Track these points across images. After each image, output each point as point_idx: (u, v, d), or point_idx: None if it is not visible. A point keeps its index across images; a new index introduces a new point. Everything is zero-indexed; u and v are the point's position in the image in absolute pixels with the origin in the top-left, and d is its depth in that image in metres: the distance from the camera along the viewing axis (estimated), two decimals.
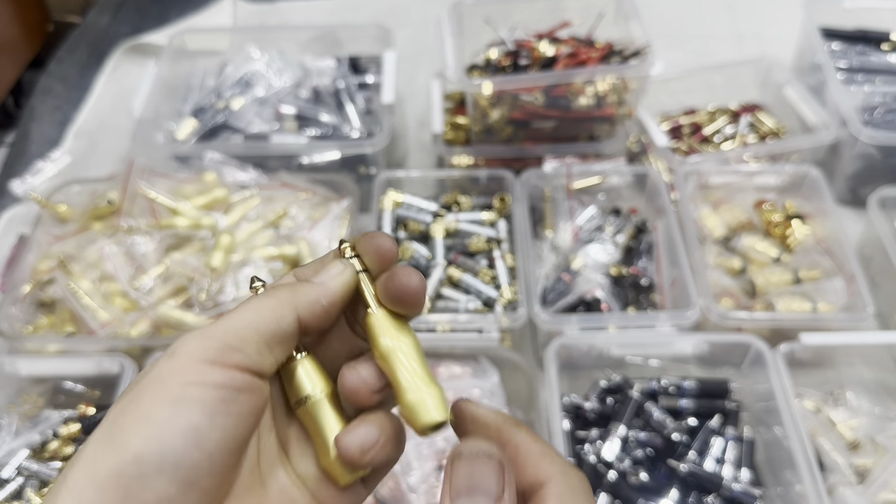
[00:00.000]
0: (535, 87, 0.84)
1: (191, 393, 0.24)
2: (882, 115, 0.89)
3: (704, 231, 0.83)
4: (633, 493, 0.64)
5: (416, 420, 0.26)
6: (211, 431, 0.23)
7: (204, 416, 0.23)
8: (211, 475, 0.24)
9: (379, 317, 0.28)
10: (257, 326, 0.25)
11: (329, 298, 0.27)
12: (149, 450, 0.22)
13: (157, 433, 0.23)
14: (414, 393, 0.27)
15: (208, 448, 0.23)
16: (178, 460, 0.23)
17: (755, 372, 0.72)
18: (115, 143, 1.01)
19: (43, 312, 0.77)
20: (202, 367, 0.24)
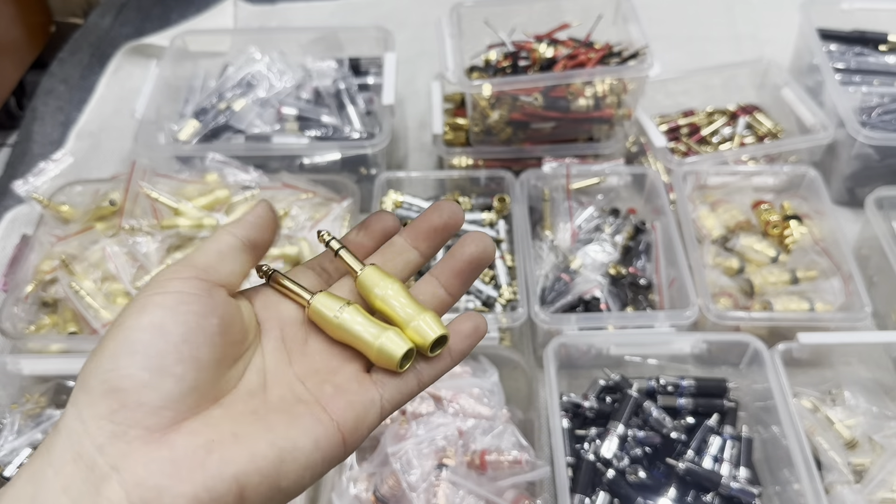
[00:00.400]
0: (534, 89, 0.85)
1: (154, 299, 0.28)
2: (879, 116, 0.89)
3: (702, 231, 0.84)
4: (631, 491, 0.64)
5: (423, 340, 0.31)
6: (174, 326, 0.27)
7: (166, 314, 0.27)
8: (180, 362, 0.27)
9: (366, 274, 0.33)
10: (203, 250, 0.31)
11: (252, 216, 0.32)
12: (118, 345, 0.26)
13: (126, 333, 0.27)
14: (414, 321, 0.32)
15: (172, 339, 0.27)
16: (145, 349, 0.26)
17: (753, 371, 0.72)
18: (117, 144, 1.02)
19: (45, 312, 0.77)
20: (162, 282, 0.28)
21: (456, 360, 0.33)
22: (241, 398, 0.29)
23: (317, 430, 0.28)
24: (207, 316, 0.28)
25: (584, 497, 0.64)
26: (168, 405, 0.26)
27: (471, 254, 0.33)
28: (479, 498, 0.61)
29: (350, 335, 0.32)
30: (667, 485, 0.65)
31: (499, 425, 0.66)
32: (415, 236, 0.35)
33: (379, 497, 0.62)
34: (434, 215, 0.34)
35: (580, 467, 0.65)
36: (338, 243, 0.34)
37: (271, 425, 0.28)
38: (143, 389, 0.26)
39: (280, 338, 0.32)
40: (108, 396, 0.26)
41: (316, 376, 0.31)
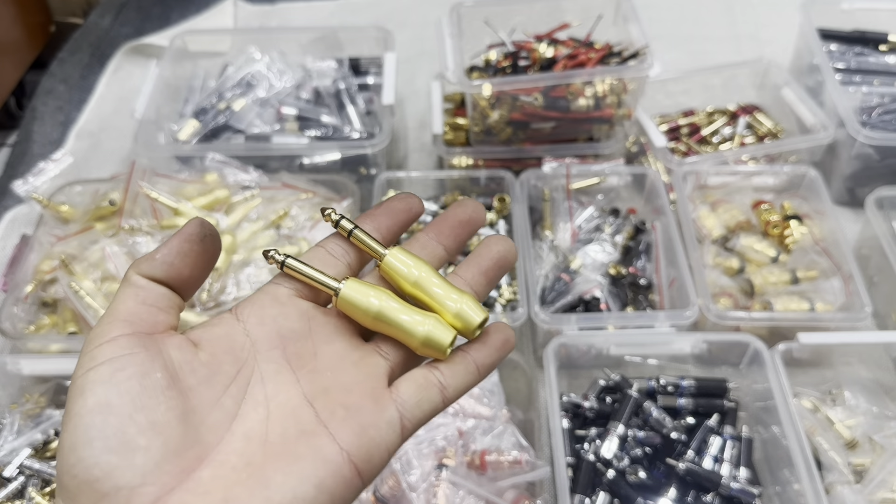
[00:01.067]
0: (534, 89, 0.85)
1: (89, 377, 0.25)
2: (879, 116, 0.89)
3: (703, 231, 0.84)
4: (631, 491, 0.64)
5: (466, 326, 0.30)
6: (118, 398, 0.25)
7: (104, 388, 0.25)
8: (142, 434, 0.25)
9: (393, 256, 0.31)
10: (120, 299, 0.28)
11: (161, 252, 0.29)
12: (74, 437, 0.25)
13: (76, 422, 0.25)
14: (454, 305, 0.30)
15: (124, 412, 0.25)
16: (100, 433, 0.24)
17: (753, 371, 0.72)
18: (116, 144, 1.02)
19: (45, 312, 0.77)
20: (92, 353, 0.26)
21: (483, 375, 0.31)
22: (235, 448, 0.26)
23: (319, 471, 0.26)
24: (149, 374, 0.26)
25: (585, 497, 0.64)
26: (147, 480, 0.24)
27: (498, 252, 0.33)
28: (479, 498, 0.61)
29: (390, 324, 0.29)
30: (667, 485, 0.65)
31: (499, 425, 0.66)
32: (439, 231, 0.33)
33: (379, 497, 0.62)
34: (458, 210, 0.33)
35: (580, 467, 0.65)
36: (349, 223, 0.31)
37: (267, 479, 0.25)
38: (115, 472, 0.24)
39: (283, 357, 0.29)
40: (84, 491, 0.24)
41: (326, 396, 0.28)
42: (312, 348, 0.30)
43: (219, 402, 0.27)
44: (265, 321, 0.30)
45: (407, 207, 0.33)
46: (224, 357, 0.28)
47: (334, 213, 0.31)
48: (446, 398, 0.30)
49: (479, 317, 0.30)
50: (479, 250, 0.33)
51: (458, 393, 0.30)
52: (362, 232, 0.31)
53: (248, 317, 0.30)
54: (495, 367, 0.31)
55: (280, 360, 0.29)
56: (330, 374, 0.29)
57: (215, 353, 0.28)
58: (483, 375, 0.31)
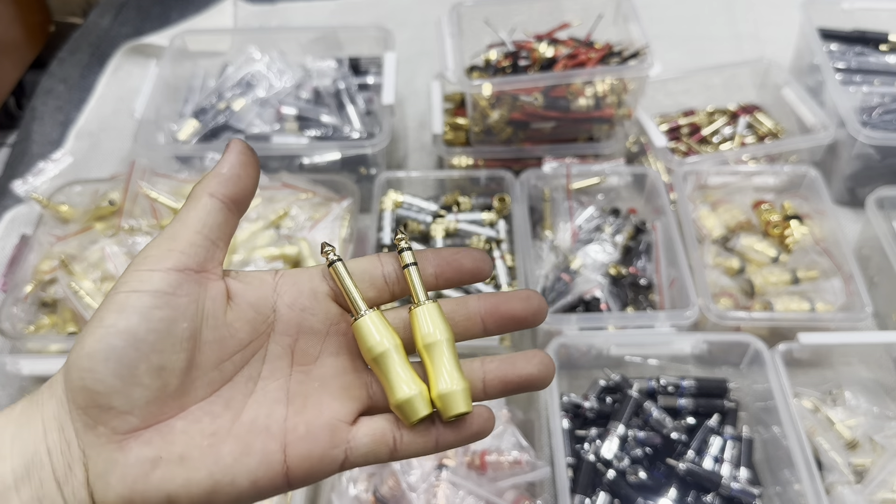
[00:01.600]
0: (534, 88, 0.85)
1: (131, 300, 0.27)
2: (880, 116, 0.89)
3: (703, 231, 0.84)
4: (632, 491, 0.64)
5: (447, 408, 0.30)
6: (146, 334, 0.27)
7: (140, 320, 0.27)
8: (150, 372, 0.28)
9: (426, 309, 0.31)
10: (183, 222, 0.29)
11: (225, 166, 0.30)
12: (96, 348, 0.27)
13: (103, 334, 0.27)
14: (448, 384, 0.30)
15: (143, 349, 0.27)
16: (118, 357, 0.27)
17: (753, 371, 0.72)
18: (116, 144, 1.02)
19: (45, 312, 0.77)
20: (142, 275, 0.28)
21: (439, 451, 0.31)
22: (211, 411, 0.29)
23: (259, 472, 0.29)
24: (178, 321, 0.28)
25: (585, 497, 0.64)
26: (134, 411, 0.27)
27: (531, 374, 0.32)
28: (479, 498, 0.61)
29: (382, 372, 0.30)
30: (667, 485, 0.65)
31: (499, 426, 0.66)
32: (490, 313, 0.32)
33: (379, 497, 0.62)
34: (519, 305, 0.32)
35: (580, 468, 0.65)
36: (412, 257, 0.32)
37: (220, 457, 0.28)
38: (113, 395, 0.27)
39: (290, 346, 0.31)
40: (83, 391, 0.27)
41: (302, 402, 0.30)
42: (317, 353, 0.31)
43: (221, 365, 0.30)
44: (294, 307, 0.31)
45: (475, 269, 0.32)
46: (244, 324, 0.30)
47: (405, 242, 0.32)
48: (393, 458, 0.31)
49: (460, 409, 0.30)
50: (516, 360, 0.32)
51: (406, 456, 0.31)
52: (417, 272, 0.32)
53: (283, 293, 0.31)
54: (454, 447, 0.32)
55: (286, 348, 0.31)
56: (317, 386, 0.31)
57: (240, 317, 0.30)
58: (438, 451, 0.32)
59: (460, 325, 0.32)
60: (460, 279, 0.33)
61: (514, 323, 0.32)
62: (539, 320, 0.32)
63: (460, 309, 0.32)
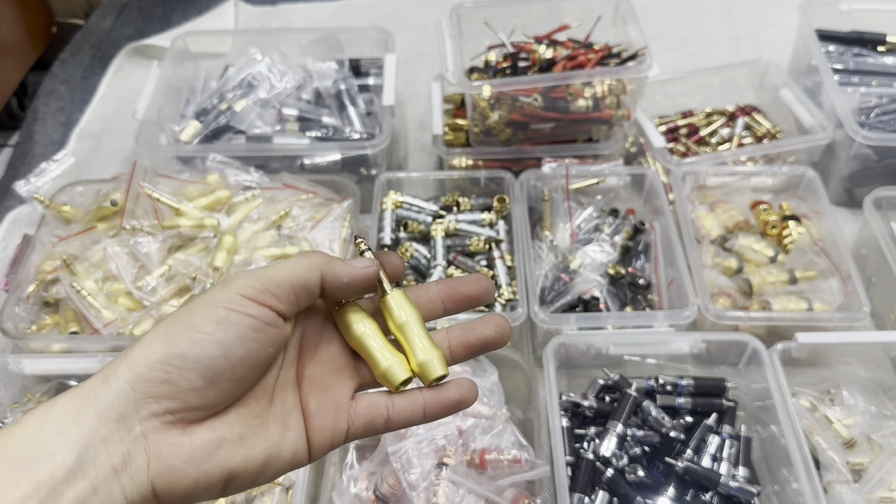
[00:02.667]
0: (533, 90, 0.85)
1: (231, 317, 0.31)
2: (877, 117, 0.90)
3: (701, 231, 0.84)
4: (630, 490, 0.64)
5: (426, 375, 0.35)
6: (238, 349, 0.31)
7: (236, 337, 0.31)
8: (230, 381, 0.31)
9: (394, 297, 0.36)
10: (291, 279, 0.33)
11: (350, 277, 0.34)
12: (191, 351, 0.30)
13: (200, 340, 0.30)
14: (423, 354, 0.35)
15: (232, 361, 0.31)
16: (209, 363, 0.30)
17: (752, 371, 0.73)
18: (118, 145, 1.02)
19: (47, 312, 0.77)
20: (243, 301, 0.31)
21: (427, 419, 0.35)
22: (255, 399, 0.33)
23: (297, 445, 0.33)
24: (267, 346, 0.32)
25: (584, 496, 0.64)
26: (205, 408, 0.31)
27: (487, 337, 0.37)
28: (478, 497, 0.61)
29: (364, 350, 0.35)
30: (666, 484, 0.65)
31: (498, 424, 0.66)
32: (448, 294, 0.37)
33: (379, 496, 0.62)
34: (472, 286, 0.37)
35: (579, 466, 0.66)
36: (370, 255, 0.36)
37: (269, 434, 0.33)
38: (193, 393, 0.30)
39: (299, 337, 0.36)
40: (163, 384, 0.30)
41: (310, 386, 0.35)
42: (318, 343, 0.36)
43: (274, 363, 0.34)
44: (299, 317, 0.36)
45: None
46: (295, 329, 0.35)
47: (363, 244, 0.37)
48: (388, 427, 0.35)
49: (438, 372, 0.35)
50: (476, 325, 0.37)
51: (398, 426, 0.35)
52: (381, 269, 0.36)
53: None
54: (441, 417, 0.36)
55: (297, 339, 0.36)
56: (319, 369, 0.36)
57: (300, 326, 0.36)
58: (427, 420, 0.35)
59: (424, 308, 0.37)
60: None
61: (469, 302, 0.37)
62: (488, 298, 0.37)
63: (423, 294, 0.37)
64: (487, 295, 0.37)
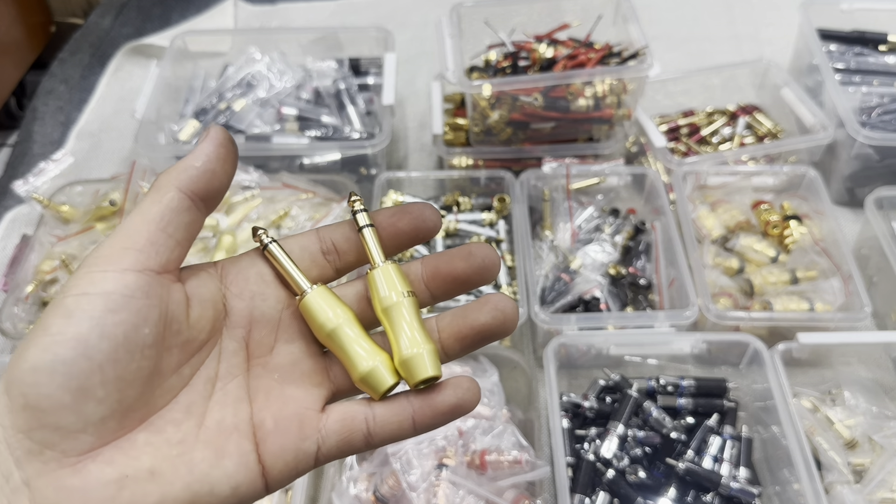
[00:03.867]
0: (534, 89, 0.85)
1: (81, 304, 0.24)
2: (879, 116, 0.90)
3: (702, 231, 0.84)
4: (631, 491, 0.64)
5: (412, 375, 0.28)
6: (99, 341, 0.24)
7: (92, 326, 0.24)
8: (105, 385, 0.24)
9: (383, 271, 0.29)
10: (144, 217, 0.26)
11: (200, 159, 0.27)
12: (41, 360, 0.23)
13: (49, 344, 0.24)
14: (411, 349, 0.28)
15: (97, 358, 0.24)
16: (68, 370, 0.23)
17: (753, 371, 0.72)
18: (117, 144, 1.02)
19: None
20: (94, 276, 0.25)
21: (418, 432, 0.28)
22: (173, 419, 0.26)
23: (239, 475, 0.26)
24: (139, 326, 0.25)
25: (584, 497, 0.64)
26: (87, 429, 0.24)
27: (483, 324, 0.28)
28: (479, 498, 0.61)
29: (338, 347, 0.28)
30: (667, 485, 0.65)
31: (499, 425, 0.66)
32: (433, 274, 0.30)
33: (379, 497, 0.62)
34: (461, 263, 0.29)
35: (580, 467, 0.66)
36: (366, 218, 0.29)
37: (193, 465, 0.25)
38: (62, 411, 0.24)
39: (244, 339, 0.29)
40: (26, 411, 0.24)
41: (265, 397, 0.28)
42: (272, 342, 0.29)
43: (181, 369, 0.27)
44: (244, 295, 0.29)
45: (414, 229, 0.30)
46: (205, 323, 0.28)
47: (359, 203, 0.30)
48: (369, 444, 0.28)
49: (425, 373, 0.28)
50: (468, 310, 0.29)
51: (382, 443, 0.28)
52: (372, 233, 0.29)
53: (230, 283, 0.29)
54: (435, 428, 0.28)
55: (241, 342, 0.29)
56: (276, 377, 0.28)
57: (200, 317, 0.27)
58: (418, 433, 0.28)
59: None
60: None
61: (459, 284, 0.29)
62: (489, 278, 0.29)
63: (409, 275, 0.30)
64: (484, 273, 0.29)
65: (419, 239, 0.30)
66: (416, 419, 0.28)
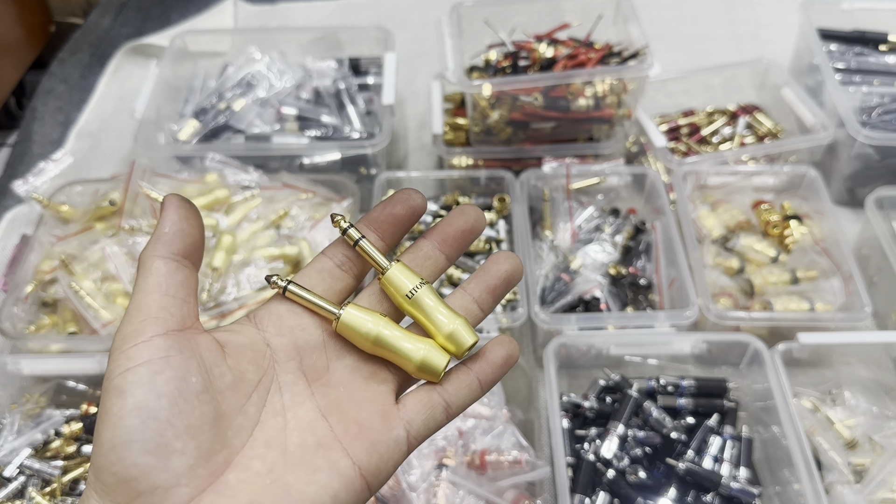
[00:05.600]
0: (534, 89, 0.85)
1: (128, 378, 0.26)
2: (879, 116, 0.89)
3: (702, 231, 0.84)
4: (631, 491, 0.64)
5: (459, 345, 0.32)
6: (157, 401, 0.26)
7: (146, 391, 0.26)
8: (179, 437, 0.26)
9: (394, 272, 0.32)
10: (145, 290, 0.28)
11: (167, 226, 0.29)
12: (115, 437, 0.26)
13: (117, 421, 0.26)
14: (447, 326, 0.32)
15: (162, 416, 0.26)
16: (139, 435, 0.26)
17: (753, 371, 0.72)
18: (117, 144, 1.02)
19: (45, 312, 0.77)
20: (128, 353, 0.27)
21: (485, 389, 0.32)
22: (257, 453, 0.28)
23: (334, 483, 0.28)
24: (185, 378, 0.27)
25: (585, 497, 0.64)
26: (181, 481, 0.26)
27: (506, 271, 0.34)
28: (479, 498, 0.61)
29: (387, 349, 0.31)
30: (667, 485, 0.65)
31: (499, 425, 0.66)
32: (441, 240, 0.34)
33: (379, 497, 0.62)
34: (461, 219, 0.34)
35: (580, 467, 0.65)
36: (357, 232, 0.32)
37: (289, 487, 0.27)
38: (153, 472, 0.26)
39: (299, 368, 0.31)
40: (122, 487, 0.26)
41: (339, 411, 0.30)
42: (325, 362, 0.31)
43: (243, 408, 0.29)
44: (283, 332, 0.31)
45: (409, 212, 0.33)
46: (248, 364, 0.30)
47: (343, 221, 0.32)
48: (450, 414, 0.32)
49: (468, 341, 0.32)
50: (487, 267, 0.34)
51: (460, 409, 0.32)
52: (368, 243, 0.32)
53: (267, 326, 0.31)
54: (498, 381, 0.32)
55: (296, 372, 0.31)
56: (342, 389, 0.31)
57: (240, 360, 0.30)
58: (486, 390, 0.32)
59: (426, 269, 0.33)
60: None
61: (464, 236, 0.33)
62: (481, 226, 0.34)
63: (418, 254, 0.34)
64: (479, 223, 0.34)
65: (413, 219, 0.33)
66: (479, 378, 0.32)
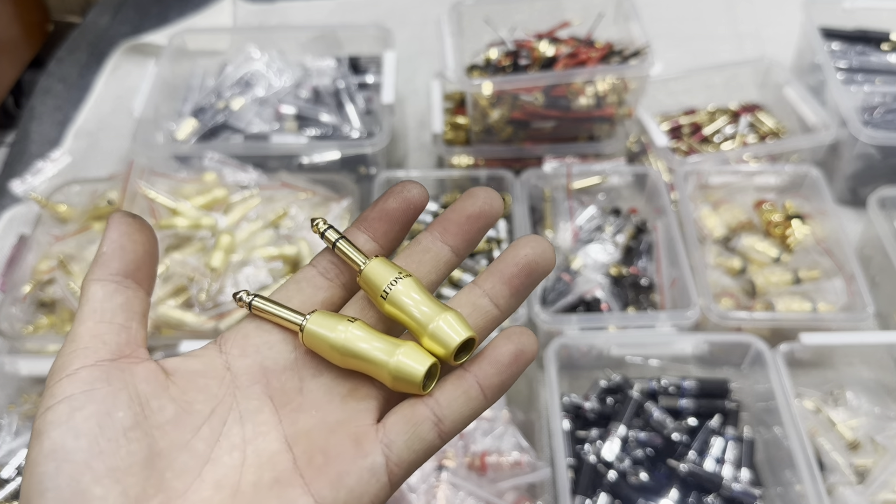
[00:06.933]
0: (534, 88, 0.84)
1: (48, 418, 0.24)
2: (882, 115, 0.89)
3: (704, 231, 0.84)
4: (632, 492, 0.64)
5: (444, 345, 0.25)
6: (74, 442, 0.23)
7: (63, 432, 0.23)
8: (97, 482, 0.23)
9: (371, 269, 0.27)
10: (80, 319, 0.26)
11: (105, 245, 0.27)
12: (30, 486, 0.23)
13: (32, 469, 0.23)
14: (431, 323, 0.25)
15: (78, 459, 0.23)
16: (53, 484, 0.23)
17: (755, 372, 0.72)
18: (115, 143, 1.01)
19: (43, 312, 0.77)
20: (52, 390, 0.24)
21: (491, 399, 0.26)
22: (203, 497, 0.24)
23: None
24: (110, 413, 0.24)
25: (586, 499, 0.63)
26: None
27: (526, 256, 0.27)
28: (479, 499, 0.61)
29: (357, 359, 0.26)
30: (668, 486, 0.65)
31: (499, 426, 0.66)
32: (444, 229, 0.28)
33: None
34: (467, 202, 0.28)
35: (581, 469, 0.65)
36: (335, 233, 0.28)
37: None
38: None
39: (265, 393, 0.27)
40: None
41: (307, 439, 0.26)
42: (298, 382, 0.27)
43: (188, 445, 0.25)
44: (248, 352, 0.27)
45: (404, 205, 0.28)
46: (197, 394, 0.26)
47: (322, 224, 0.28)
48: (443, 432, 0.25)
49: (456, 338, 0.25)
50: (505, 254, 0.27)
51: (457, 425, 0.26)
52: (346, 243, 0.28)
53: (230, 348, 0.27)
54: (507, 385, 0.26)
55: (262, 397, 0.27)
56: (314, 413, 0.26)
57: (188, 389, 0.26)
58: (491, 398, 0.26)
59: (426, 265, 0.28)
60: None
61: (473, 221, 0.28)
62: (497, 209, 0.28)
63: (417, 249, 0.28)
64: (489, 206, 0.27)
65: (410, 213, 0.28)
66: (481, 383, 0.25)
